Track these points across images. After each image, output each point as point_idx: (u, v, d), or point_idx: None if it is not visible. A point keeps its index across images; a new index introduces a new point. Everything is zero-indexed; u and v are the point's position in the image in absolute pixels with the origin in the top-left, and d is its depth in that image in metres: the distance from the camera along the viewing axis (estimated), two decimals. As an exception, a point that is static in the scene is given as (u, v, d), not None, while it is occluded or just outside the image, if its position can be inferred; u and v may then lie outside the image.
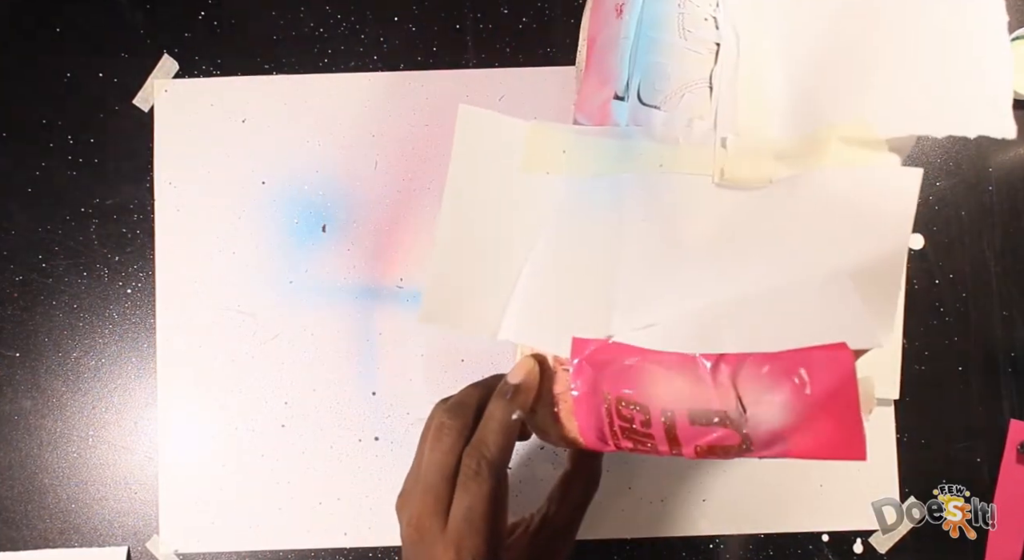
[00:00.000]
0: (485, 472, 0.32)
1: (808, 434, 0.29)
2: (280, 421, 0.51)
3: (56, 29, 0.53)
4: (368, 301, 0.52)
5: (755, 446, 0.30)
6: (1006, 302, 0.52)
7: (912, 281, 0.51)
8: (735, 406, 0.30)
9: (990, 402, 0.51)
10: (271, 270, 0.52)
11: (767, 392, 0.29)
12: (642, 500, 0.51)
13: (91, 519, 0.51)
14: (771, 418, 0.29)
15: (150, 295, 0.52)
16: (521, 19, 0.53)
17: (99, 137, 0.53)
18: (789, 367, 0.29)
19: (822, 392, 0.28)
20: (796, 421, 0.29)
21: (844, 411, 0.28)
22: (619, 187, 0.35)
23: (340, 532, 0.51)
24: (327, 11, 0.53)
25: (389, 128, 0.52)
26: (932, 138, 0.52)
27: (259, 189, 0.52)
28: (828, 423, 0.28)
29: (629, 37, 0.36)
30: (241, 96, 0.53)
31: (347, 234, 0.52)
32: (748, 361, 0.30)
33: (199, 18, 0.53)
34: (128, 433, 0.52)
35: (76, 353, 0.52)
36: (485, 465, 0.32)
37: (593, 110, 0.37)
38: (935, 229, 0.52)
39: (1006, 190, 0.52)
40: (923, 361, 0.51)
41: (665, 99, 0.35)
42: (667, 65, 0.35)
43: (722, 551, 0.51)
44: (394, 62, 0.53)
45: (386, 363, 0.51)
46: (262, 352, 0.52)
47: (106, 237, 0.52)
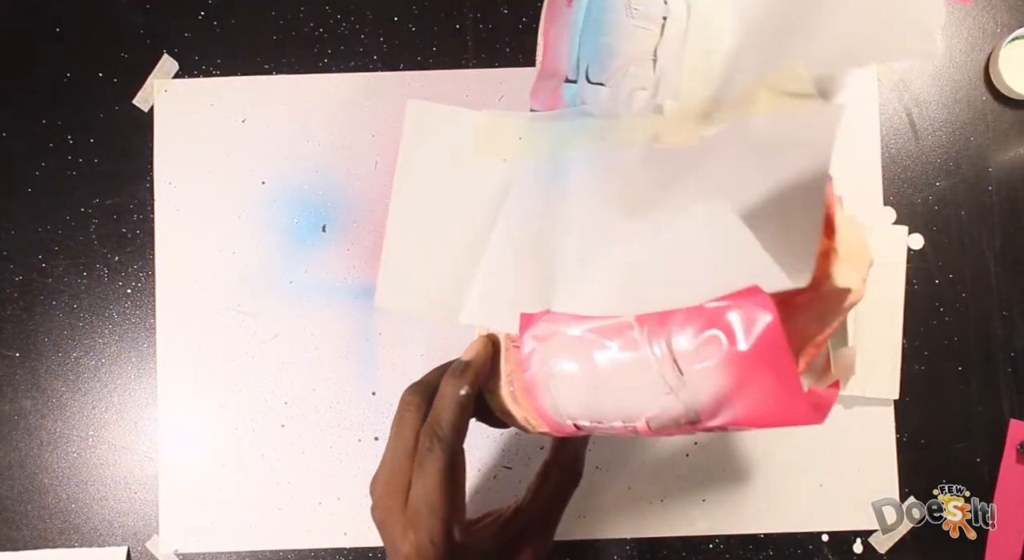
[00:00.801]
0: (437, 449, 0.31)
1: (749, 397, 0.26)
2: (280, 421, 0.51)
3: (56, 29, 0.53)
4: (368, 301, 0.52)
5: (702, 416, 0.28)
6: (1006, 302, 0.52)
7: (912, 281, 0.51)
8: (672, 371, 0.28)
9: (990, 402, 0.51)
10: (271, 270, 0.52)
11: (698, 352, 0.27)
12: (642, 500, 0.51)
13: (91, 519, 0.51)
14: (708, 382, 0.27)
15: (150, 295, 0.52)
16: (521, 19, 0.53)
17: (99, 137, 0.53)
18: (713, 321, 0.27)
19: (751, 346, 0.26)
20: (733, 383, 0.26)
21: (778, 366, 0.25)
22: (566, 166, 0.36)
23: (340, 532, 0.51)
24: (327, 11, 0.53)
25: (389, 128, 0.52)
26: (933, 138, 0.52)
27: (259, 189, 0.52)
28: (766, 381, 0.26)
29: (578, 22, 0.38)
30: (241, 96, 0.53)
31: (347, 234, 0.52)
32: (675, 320, 0.28)
33: (199, 18, 0.53)
34: (128, 433, 0.52)
35: (76, 353, 0.52)
36: (437, 442, 0.32)
37: (546, 96, 0.39)
38: (935, 229, 0.52)
39: (1006, 190, 0.52)
40: (923, 361, 0.51)
41: (611, 76, 0.37)
42: (613, 43, 0.37)
43: (722, 551, 0.51)
44: (394, 62, 0.53)
45: (386, 363, 0.51)
46: (262, 352, 0.52)
47: (106, 237, 0.52)
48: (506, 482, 0.51)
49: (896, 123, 0.52)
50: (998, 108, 0.52)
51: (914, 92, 0.53)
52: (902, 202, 0.52)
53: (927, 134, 0.52)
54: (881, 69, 0.53)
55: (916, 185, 0.52)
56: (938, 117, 0.53)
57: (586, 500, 0.51)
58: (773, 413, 0.26)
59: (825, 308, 0.30)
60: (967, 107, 0.52)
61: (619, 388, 0.30)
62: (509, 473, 0.51)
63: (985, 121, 0.52)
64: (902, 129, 0.52)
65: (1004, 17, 0.53)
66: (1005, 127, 0.52)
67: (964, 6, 0.53)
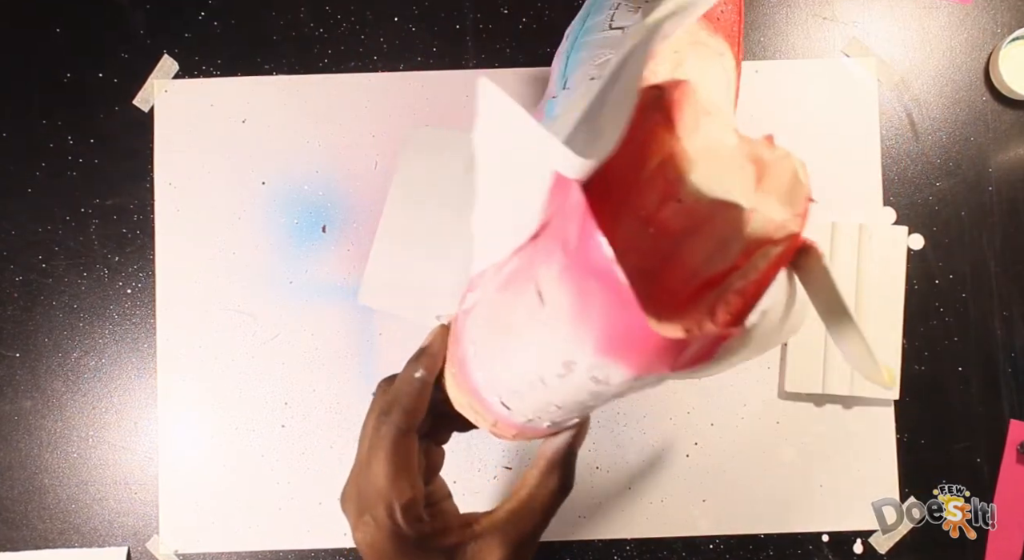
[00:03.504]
0: (384, 428, 0.31)
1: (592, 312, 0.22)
2: (280, 421, 0.51)
3: (56, 29, 0.53)
4: (368, 301, 0.52)
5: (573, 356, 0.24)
6: (1006, 302, 0.52)
7: (912, 281, 0.51)
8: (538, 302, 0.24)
9: (990, 402, 0.51)
10: (271, 270, 0.52)
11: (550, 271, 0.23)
12: (642, 500, 0.51)
13: (91, 519, 0.51)
14: (560, 303, 0.23)
15: (150, 295, 0.52)
16: (521, 19, 0.53)
17: (99, 137, 0.53)
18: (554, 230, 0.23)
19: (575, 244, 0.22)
20: (576, 298, 0.23)
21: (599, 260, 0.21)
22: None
23: (340, 532, 0.51)
24: (327, 11, 0.53)
25: (389, 128, 0.52)
26: (933, 138, 0.52)
27: (259, 189, 0.52)
28: (596, 286, 0.22)
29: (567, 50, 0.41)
30: (241, 96, 0.53)
31: (347, 234, 0.52)
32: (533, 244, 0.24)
33: (199, 18, 0.53)
34: (128, 433, 0.52)
35: (76, 353, 0.52)
36: (385, 422, 0.31)
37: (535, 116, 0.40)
38: (935, 229, 0.52)
39: (1006, 190, 0.52)
40: (923, 361, 0.51)
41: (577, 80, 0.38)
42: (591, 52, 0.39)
43: (722, 551, 0.51)
44: (394, 62, 0.53)
45: (386, 363, 0.51)
46: (262, 352, 0.52)
47: (106, 237, 0.52)
48: (506, 482, 0.51)
49: (896, 123, 0.52)
50: (998, 108, 0.52)
51: (914, 92, 0.53)
52: (902, 202, 0.52)
53: (927, 134, 0.52)
54: (881, 69, 0.53)
55: (916, 185, 0.52)
56: (938, 117, 0.53)
57: (586, 500, 0.51)
58: (618, 337, 0.22)
59: (720, 233, 0.26)
60: (967, 107, 0.52)
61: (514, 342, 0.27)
62: (509, 473, 0.51)
63: (985, 121, 0.52)
64: (902, 129, 0.52)
65: (1004, 17, 0.53)
66: (1005, 127, 0.52)
67: (964, 6, 0.53)
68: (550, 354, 0.25)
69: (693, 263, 0.27)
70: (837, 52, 0.53)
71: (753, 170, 0.27)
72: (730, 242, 0.26)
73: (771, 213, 0.26)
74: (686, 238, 0.27)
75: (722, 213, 0.26)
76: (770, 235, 0.26)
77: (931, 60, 0.53)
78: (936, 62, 0.53)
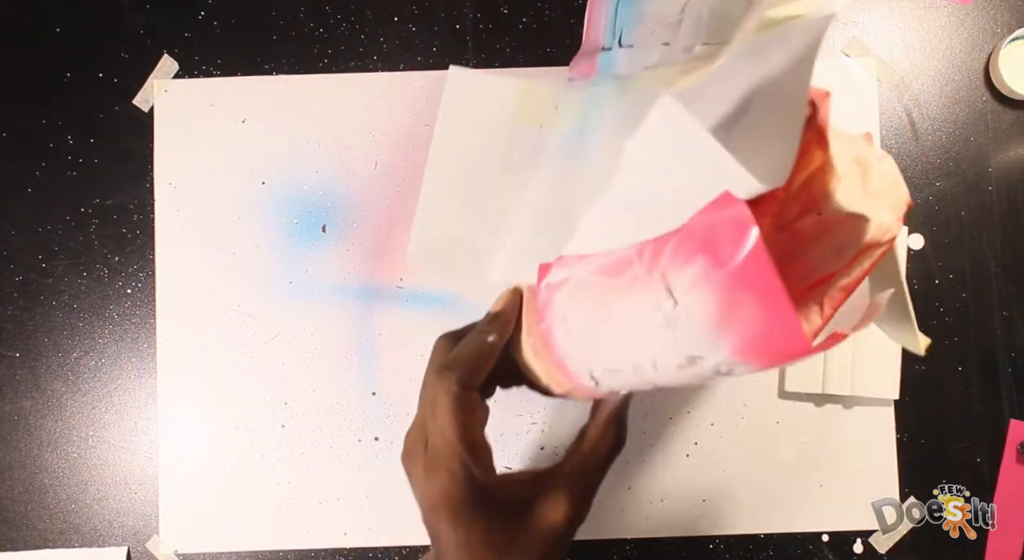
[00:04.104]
0: (447, 382, 0.31)
1: (739, 322, 0.24)
2: (280, 421, 0.51)
3: (56, 29, 0.53)
4: (368, 301, 0.52)
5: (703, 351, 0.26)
6: (1006, 302, 0.52)
7: (912, 281, 0.51)
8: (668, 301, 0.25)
9: (990, 402, 0.51)
10: (271, 270, 0.52)
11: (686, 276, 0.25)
12: (642, 500, 0.51)
13: (91, 519, 0.51)
14: (699, 309, 0.24)
15: (150, 295, 0.52)
16: (521, 19, 0.53)
17: (99, 137, 0.53)
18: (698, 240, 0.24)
19: (734, 263, 0.23)
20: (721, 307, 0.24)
21: (762, 281, 0.22)
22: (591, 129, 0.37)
23: (340, 532, 0.51)
24: (327, 11, 0.53)
25: (389, 128, 0.52)
26: (933, 138, 0.52)
27: (259, 189, 0.52)
28: (751, 302, 0.23)
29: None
30: (241, 96, 0.53)
31: (347, 234, 0.52)
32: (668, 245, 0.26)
33: (199, 18, 0.53)
34: (128, 433, 0.52)
35: (76, 353, 0.52)
36: (448, 377, 0.31)
37: (583, 66, 0.41)
38: (935, 229, 0.52)
39: (1006, 190, 0.52)
40: (923, 361, 0.51)
41: (640, 37, 0.38)
42: (644, 8, 0.39)
43: (722, 551, 0.51)
44: (394, 62, 0.53)
45: (386, 363, 0.51)
46: (262, 352, 0.52)
47: (106, 237, 0.52)
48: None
49: (896, 123, 0.52)
50: (998, 108, 0.52)
51: (914, 92, 0.53)
52: (902, 202, 0.52)
53: (927, 134, 0.52)
54: (881, 69, 0.53)
55: (916, 185, 0.52)
56: (938, 117, 0.53)
57: (586, 500, 0.51)
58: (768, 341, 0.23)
59: (840, 239, 0.28)
60: (967, 107, 0.52)
61: (625, 328, 0.28)
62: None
63: (985, 121, 0.52)
64: (902, 129, 0.52)
65: (1004, 17, 0.53)
66: (1005, 127, 0.52)
67: (964, 6, 0.53)
68: (674, 348, 0.26)
69: (811, 264, 0.28)
70: (837, 52, 0.53)
71: (859, 172, 0.29)
72: (848, 246, 0.28)
73: (881, 218, 0.28)
74: (812, 243, 0.28)
75: (850, 222, 0.28)
76: (878, 239, 0.28)
77: (931, 60, 0.53)
78: (936, 62, 0.53)
